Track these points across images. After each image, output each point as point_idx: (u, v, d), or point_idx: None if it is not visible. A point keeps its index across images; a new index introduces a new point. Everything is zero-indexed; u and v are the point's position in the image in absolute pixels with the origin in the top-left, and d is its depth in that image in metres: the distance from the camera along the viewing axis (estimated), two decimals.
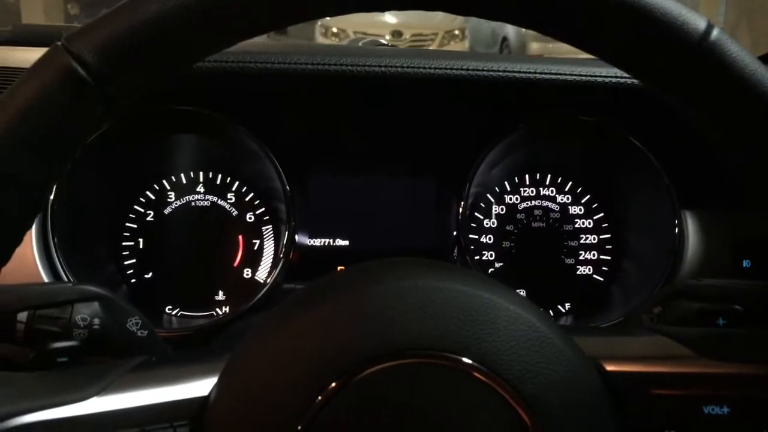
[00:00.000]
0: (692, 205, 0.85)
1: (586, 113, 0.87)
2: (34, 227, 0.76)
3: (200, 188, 0.92)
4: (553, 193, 0.96)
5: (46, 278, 0.75)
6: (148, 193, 0.91)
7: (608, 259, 0.95)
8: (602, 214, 0.96)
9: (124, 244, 0.91)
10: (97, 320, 0.51)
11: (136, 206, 0.91)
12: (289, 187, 0.85)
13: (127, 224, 0.91)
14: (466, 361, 0.36)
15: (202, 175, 0.93)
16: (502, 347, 0.37)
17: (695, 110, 0.40)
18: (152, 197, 0.92)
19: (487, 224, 0.95)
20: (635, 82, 0.52)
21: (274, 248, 0.92)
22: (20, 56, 0.79)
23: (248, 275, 0.92)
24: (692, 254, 0.84)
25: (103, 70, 0.36)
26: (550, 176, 0.96)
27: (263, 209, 0.93)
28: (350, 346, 0.36)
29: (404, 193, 0.93)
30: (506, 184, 0.96)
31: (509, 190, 0.96)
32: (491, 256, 0.95)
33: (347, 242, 0.93)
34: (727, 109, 0.39)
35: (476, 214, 0.95)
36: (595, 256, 0.95)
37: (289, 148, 0.86)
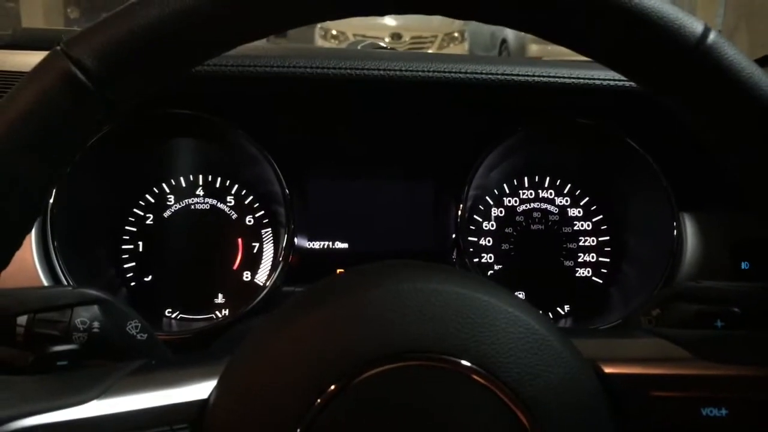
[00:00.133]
0: (691, 207, 0.86)
1: (584, 116, 0.87)
2: (33, 231, 0.76)
3: (200, 191, 0.93)
4: (551, 195, 0.96)
5: (45, 282, 0.75)
6: (147, 196, 0.91)
7: (607, 261, 0.95)
8: (601, 216, 0.96)
9: (123, 247, 0.90)
10: (96, 324, 0.51)
11: (135, 209, 0.91)
12: (288, 190, 0.85)
13: (126, 227, 0.91)
14: (464, 363, 0.36)
15: (201, 178, 0.93)
16: (500, 350, 0.37)
17: (693, 113, 0.41)
18: (152, 200, 0.92)
19: (486, 227, 0.95)
20: (633, 84, 0.52)
21: (273, 251, 0.92)
22: (20, 60, 0.80)
23: (248, 278, 0.92)
24: (691, 256, 0.84)
25: (102, 74, 0.37)
26: (548, 179, 0.96)
27: (262, 212, 0.93)
28: (349, 348, 0.37)
29: (403, 195, 0.93)
30: (505, 186, 0.96)
31: (508, 192, 0.96)
32: (490, 258, 0.95)
33: (346, 245, 0.93)
34: (724, 112, 0.39)
35: (475, 216, 0.95)
36: (594, 258, 0.95)
37: (288, 151, 0.86)
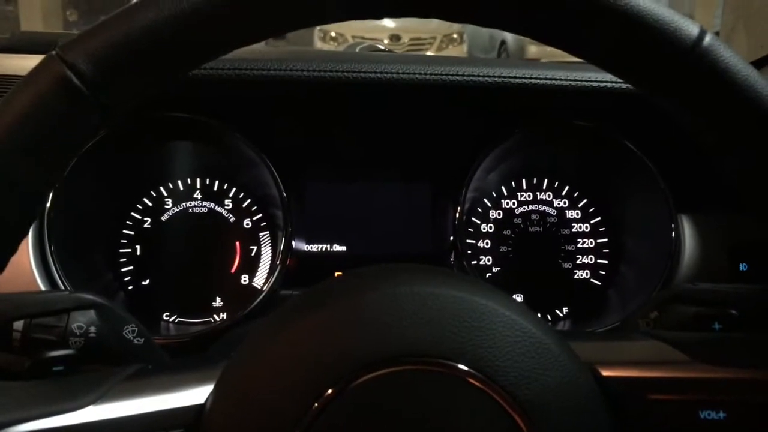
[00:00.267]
0: (689, 208, 0.85)
1: (582, 118, 0.87)
2: (30, 235, 0.76)
3: (197, 195, 0.92)
4: (549, 197, 0.96)
5: (42, 286, 0.75)
6: (145, 200, 0.91)
7: (605, 263, 0.95)
8: (599, 218, 0.96)
9: (121, 251, 0.90)
10: (93, 328, 0.51)
11: (133, 213, 0.91)
12: (285, 193, 0.85)
13: (124, 231, 0.91)
14: (461, 367, 0.36)
15: (199, 181, 0.93)
16: (497, 353, 0.37)
17: (689, 115, 0.40)
18: (149, 204, 0.91)
19: (484, 229, 0.95)
20: (630, 86, 0.52)
21: (271, 254, 0.92)
22: (18, 63, 0.79)
23: (245, 281, 0.92)
24: (689, 258, 0.84)
25: (97, 78, 0.37)
26: (546, 181, 0.96)
27: (260, 215, 0.93)
28: (347, 352, 0.36)
29: (401, 198, 0.93)
30: (503, 188, 0.96)
31: (506, 194, 0.96)
32: (488, 260, 0.95)
33: (344, 248, 0.93)
34: (720, 114, 0.39)
35: (473, 219, 0.95)
36: (592, 260, 0.95)
37: (285, 154, 0.86)
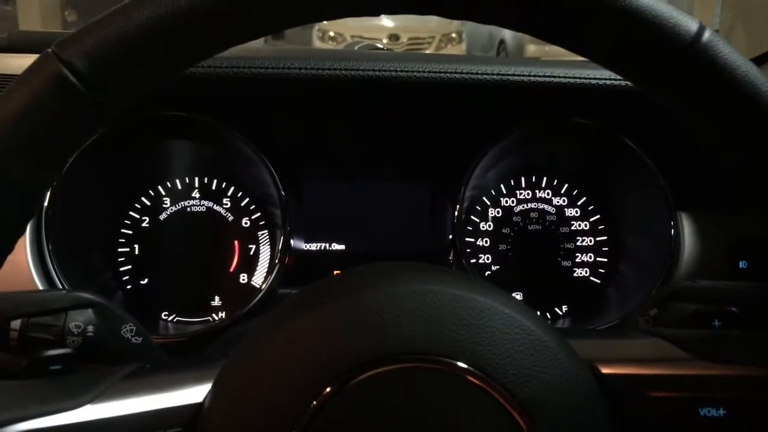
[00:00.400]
0: (688, 206, 0.85)
1: (581, 115, 0.87)
2: (28, 234, 0.76)
3: (196, 194, 0.92)
4: (548, 195, 0.96)
5: (40, 285, 0.75)
6: (143, 198, 0.91)
7: (605, 261, 0.95)
8: (598, 216, 0.96)
9: (119, 250, 0.90)
10: (90, 327, 0.51)
11: (131, 212, 0.91)
12: (284, 192, 0.85)
13: (122, 230, 0.90)
14: (460, 365, 0.36)
15: (197, 180, 0.93)
16: (496, 351, 0.37)
17: (688, 112, 0.40)
18: (147, 203, 0.91)
19: (483, 227, 0.95)
20: (630, 83, 0.52)
21: (269, 253, 0.92)
22: (16, 63, 0.79)
23: (244, 280, 0.92)
24: (688, 255, 0.84)
25: (93, 76, 0.36)
26: (545, 179, 0.96)
27: (259, 214, 0.92)
28: (345, 350, 0.36)
29: (400, 196, 0.93)
30: (502, 187, 0.96)
31: (505, 193, 0.96)
32: (488, 259, 0.95)
33: (343, 247, 0.92)
34: (719, 111, 0.39)
35: (472, 217, 0.95)
36: (591, 258, 0.95)
37: (283, 153, 0.86)
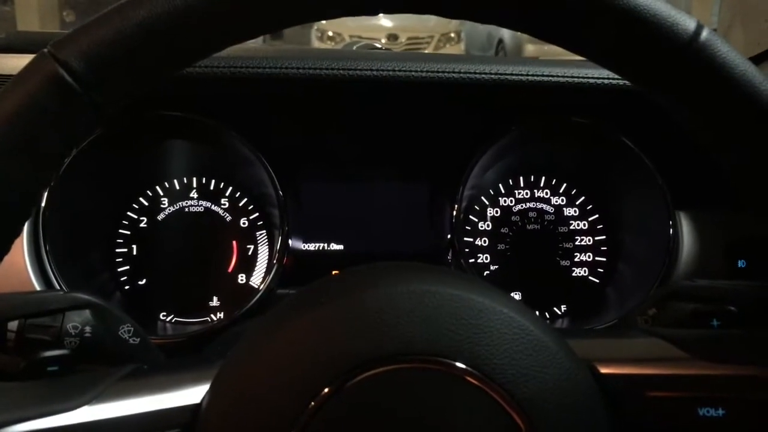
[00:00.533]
0: (686, 205, 0.85)
1: (579, 115, 0.87)
2: (25, 234, 0.76)
3: (193, 194, 0.92)
4: (547, 194, 0.96)
5: (37, 286, 0.75)
6: (141, 199, 0.91)
7: (603, 260, 0.95)
8: (597, 215, 0.96)
9: (117, 250, 0.90)
10: (88, 328, 0.50)
11: (129, 212, 0.91)
12: (282, 192, 0.85)
13: (120, 231, 0.90)
14: (459, 365, 0.36)
15: (195, 180, 0.92)
16: (495, 351, 0.37)
17: (686, 111, 0.40)
18: (145, 203, 0.91)
19: (481, 227, 0.95)
20: (628, 83, 0.52)
21: (268, 253, 0.92)
22: (14, 63, 0.79)
23: (242, 281, 0.92)
24: (687, 255, 0.84)
25: (90, 76, 0.36)
26: (544, 178, 0.96)
27: (257, 214, 0.92)
28: (344, 351, 0.36)
29: (398, 196, 0.93)
30: (500, 186, 0.96)
31: (503, 192, 0.96)
32: (486, 258, 0.94)
33: (341, 247, 0.92)
34: (717, 110, 0.39)
35: (471, 217, 0.95)
36: (590, 257, 0.95)
37: (281, 153, 0.86)
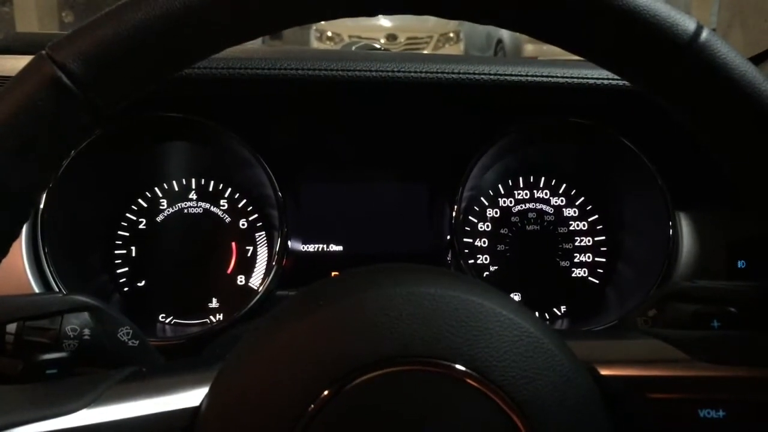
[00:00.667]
0: (686, 206, 0.85)
1: (579, 115, 0.87)
2: (24, 236, 0.76)
3: (193, 195, 0.92)
4: (547, 195, 0.96)
5: (36, 288, 0.75)
6: (140, 200, 0.91)
7: (603, 261, 0.95)
8: (596, 216, 0.96)
9: (116, 252, 0.90)
10: (87, 331, 0.50)
11: (128, 214, 0.91)
12: (281, 193, 0.85)
13: (119, 232, 0.90)
14: (458, 367, 0.36)
15: (194, 182, 0.92)
16: (494, 353, 0.36)
17: (686, 112, 0.40)
18: (144, 205, 0.91)
19: (481, 228, 0.95)
20: (627, 83, 0.52)
21: (267, 255, 0.91)
22: (12, 65, 0.79)
23: (242, 282, 0.92)
24: (687, 255, 0.84)
25: (88, 78, 0.36)
26: (543, 179, 0.96)
27: (256, 216, 0.92)
28: (343, 353, 0.36)
29: (397, 197, 0.93)
30: (500, 187, 0.96)
31: (503, 193, 0.96)
32: (486, 259, 0.94)
33: (341, 248, 0.92)
34: (717, 110, 0.39)
35: (470, 217, 0.95)
36: (590, 258, 0.95)
37: (280, 154, 0.86)
